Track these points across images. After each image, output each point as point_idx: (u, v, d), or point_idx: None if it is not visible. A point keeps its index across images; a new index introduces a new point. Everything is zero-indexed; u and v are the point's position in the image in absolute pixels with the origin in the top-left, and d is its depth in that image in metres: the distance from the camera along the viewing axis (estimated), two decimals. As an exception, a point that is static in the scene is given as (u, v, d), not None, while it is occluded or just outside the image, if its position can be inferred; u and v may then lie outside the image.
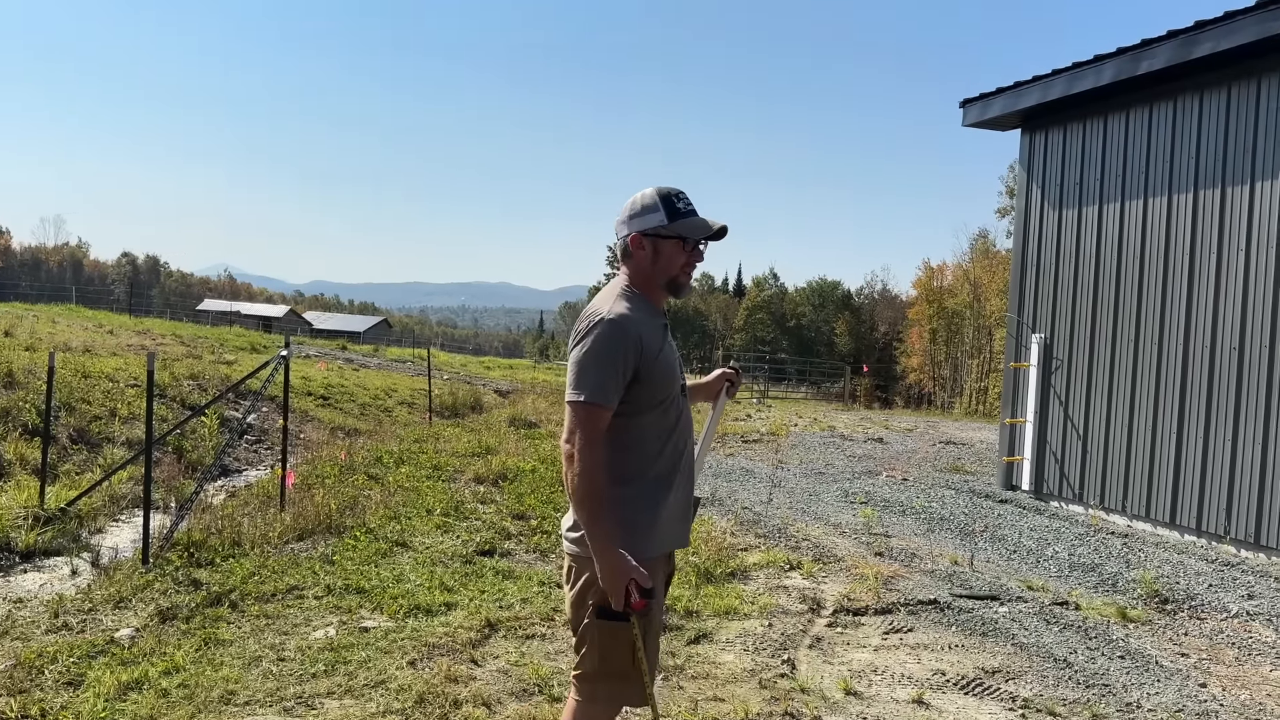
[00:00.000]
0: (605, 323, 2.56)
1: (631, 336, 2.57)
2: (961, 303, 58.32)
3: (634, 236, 2.70)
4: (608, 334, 2.55)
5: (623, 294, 2.68)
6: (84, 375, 13.00)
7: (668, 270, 2.72)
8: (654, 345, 2.64)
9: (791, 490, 9.99)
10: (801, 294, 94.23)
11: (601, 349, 2.54)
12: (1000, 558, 7.41)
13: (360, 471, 10.05)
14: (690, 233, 2.70)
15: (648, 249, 2.70)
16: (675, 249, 2.71)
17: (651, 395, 2.63)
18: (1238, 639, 5.55)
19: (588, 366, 2.54)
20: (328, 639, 4.96)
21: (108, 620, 5.34)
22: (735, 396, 3.32)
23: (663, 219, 2.68)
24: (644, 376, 2.60)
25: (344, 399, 17.59)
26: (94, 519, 8.16)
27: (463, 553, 6.84)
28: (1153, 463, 8.69)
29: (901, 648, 5.13)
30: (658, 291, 2.75)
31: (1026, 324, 10.34)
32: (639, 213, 2.70)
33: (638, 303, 2.67)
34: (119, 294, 77.66)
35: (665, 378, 2.66)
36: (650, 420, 2.65)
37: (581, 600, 2.63)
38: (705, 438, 3.20)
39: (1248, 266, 7.94)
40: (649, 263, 2.71)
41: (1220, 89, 8.23)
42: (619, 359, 2.54)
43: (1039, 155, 10.23)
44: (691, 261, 2.74)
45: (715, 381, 3.26)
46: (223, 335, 27.15)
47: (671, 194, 2.70)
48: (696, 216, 2.73)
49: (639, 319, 2.62)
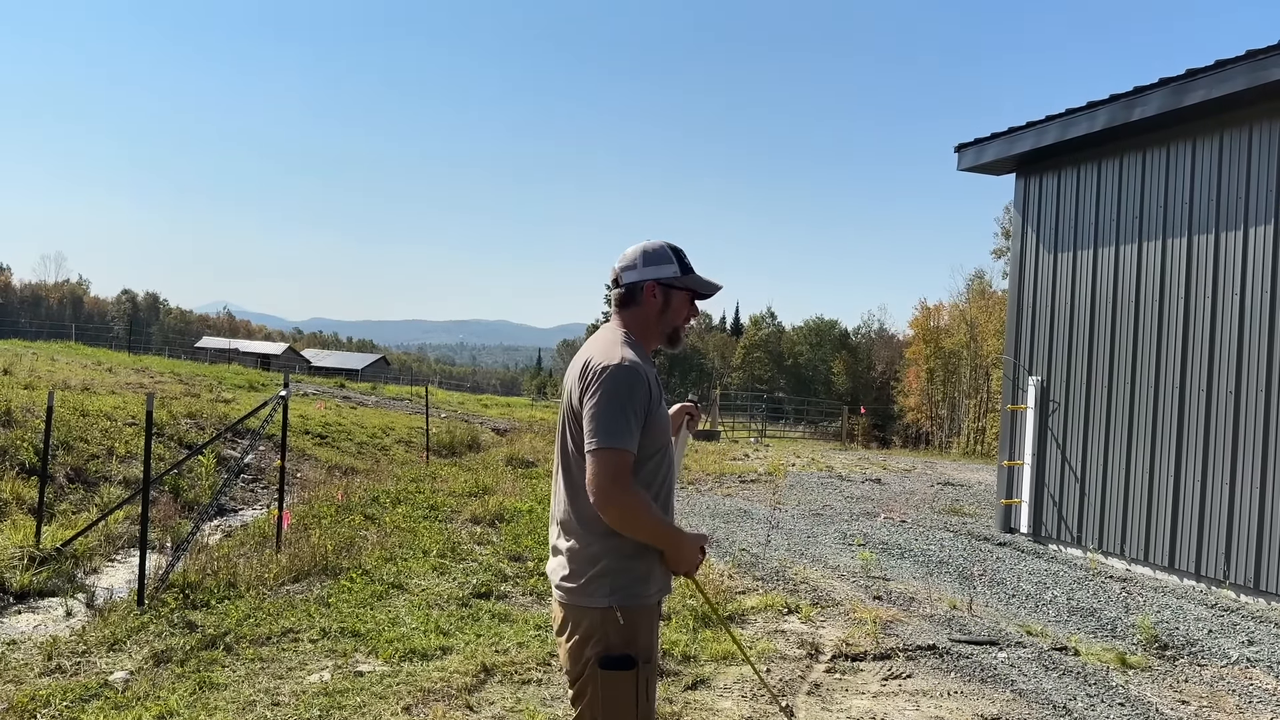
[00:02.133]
0: (620, 368, 2.58)
1: (645, 382, 2.61)
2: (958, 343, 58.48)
3: (649, 284, 2.75)
4: (626, 380, 2.57)
5: (626, 341, 2.71)
6: (82, 413, 12.99)
7: (674, 321, 2.81)
8: (658, 393, 2.68)
9: (789, 532, 9.96)
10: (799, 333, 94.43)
11: (621, 395, 2.55)
12: (999, 602, 7.38)
13: (357, 511, 10.02)
14: (701, 288, 2.82)
15: (659, 298, 2.77)
16: (684, 301, 2.81)
17: (651, 443, 2.65)
18: (1238, 686, 5.52)
19: (606, 413, 2.53)
20: (322, 683, 4.93)
21: (102, 663, 5.31)
22: (695, 429, 3.35)
23: (676, 271, 2.77)
24: (649, 425, 2.62)
25: (341, 437, 17.57)
26: (90, 559, 8.13)
27: (459, 595, 6.81)
28: (1151, 506, 8.68)
29: (900, 694, 5.10)
30: (655, 340, 2.80)
31: (1023, 366, 10.37)
32: (653, 261, 2.76)
33: (639, 350, 2.71)
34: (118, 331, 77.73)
35: (663, 426, 2.70)
36: (649, 469, 2.67)
37: (580, 651, 2.62)
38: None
39: (1242, 311, 7.99)
40: (657, 311, 2.77)
41: (1213, 136, 8.33)
42: (637, 404, 2.57)
43: (1034, 200, 10.32)
44: (691, 315, 2.84)
45: (675, 415, 3.26)
46: (221, 373, 27.16)
47: (679, 249, 2.82)
48: (697, 273, 2.84)
49: (647, 367, 2.67)
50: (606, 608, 2.58)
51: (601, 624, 2.59)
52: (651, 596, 2.65)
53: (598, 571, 2.60)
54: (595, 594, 2.60)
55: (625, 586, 2.58)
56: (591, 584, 2.61)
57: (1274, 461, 7.64)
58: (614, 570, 2.59)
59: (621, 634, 2.58)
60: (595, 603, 2.60)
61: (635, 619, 2.60)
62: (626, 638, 2.58)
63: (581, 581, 2.61)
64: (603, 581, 2.60)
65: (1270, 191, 7.80)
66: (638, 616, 2.60)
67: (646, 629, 2.63)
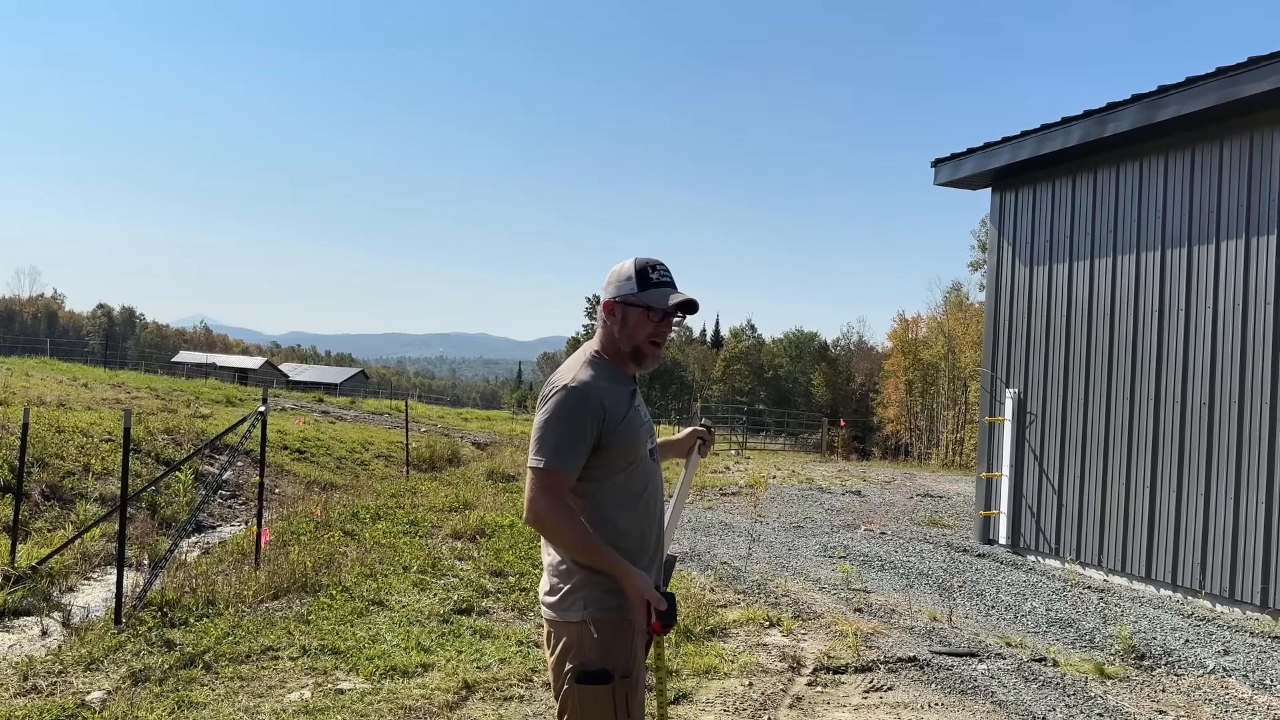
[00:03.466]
0: (567, 390, 2.64)
1: (593, 404, 2.63)
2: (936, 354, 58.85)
3: (607, 302, 2.79)
4: (569, 401, 2.62)
5: (589, 360, 2.75)
6: (58, 430, 12.87)
7: (633, 338, 2.77)
8: (618, 411, 2.68)
9: (770, 544, 9.99)
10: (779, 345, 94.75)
11: (563, 416, 2.61)
12: (978, 613, 7.42)
13: (336, 527, 9.96)
14: (654, 302, 2.75)
15: (617, 315, 2.77)
16: (641, 317, 2.76)
17: (617, 460, 2.68)
18: (1215, 696, 5.57)
19: (548, 433, 2.61)
20: (303, 701, 4.90)
21: (79, 682, 5.26)
22: (707, 454, 3.34)
23: (633, 288, 2.76)
24: (607, 442, 2.65)
25: (320, 453, 17.47)
26: (65, 577, 8.05)
27: (440, 611, 6.79)
28: (1127, 517, 8.76)
29: (882, 706, 5.12)
30: (625, 358, 2.81)
31: (1000, 379, 10.46)
32: (616, 279, 2.79)
33: (603, 369, 2.73)
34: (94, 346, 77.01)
35: (630, 442, 2.70)
36: (617, 484, 2.69)
37: (560, 666, 2.63)
38: (678, 497, 3.22)
39: (1215, 323, 8.10)
40: (617, 329, 2.78)
41: (1184, 151, 8.45)
42: (580, 426, 2.60)
43: (1010, 214, 10.43)
44: (659, 332, 2.78)
45: (686, 439, 3.29)
46: (198, 388, 26.96)
47: (649, 265, 2.78)
48: (669, 288, 2.78)
49: (603, 385, 2.68)
50: (581, 622, 2.61)
51: (578, 638, 2.61)
52: (627, 610, 2.65)
53: (573, 586, 2.64)
54: (571, 608, 2.63)
55: (599, 600, 2.61)
56: (567, 599, 2.64)
57: (1247, 472, 7.74)
58: (588, 584, 2.62)
59: (597, 648, 2.60)
60: (571, 617, 2.63)
61: (610, 632, 2.61)
62: (602, 651, 2.60)
63: (559, 596, 2.65)
64: (578, 595, 2.63)
65: (1242, 205, 7.92)
66: (613, 630, 2.62)
67: (623, 643, 2.63)
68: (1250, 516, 7.67)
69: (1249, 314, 7.83)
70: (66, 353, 52.83)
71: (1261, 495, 7.60)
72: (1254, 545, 7.61)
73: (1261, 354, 7.71)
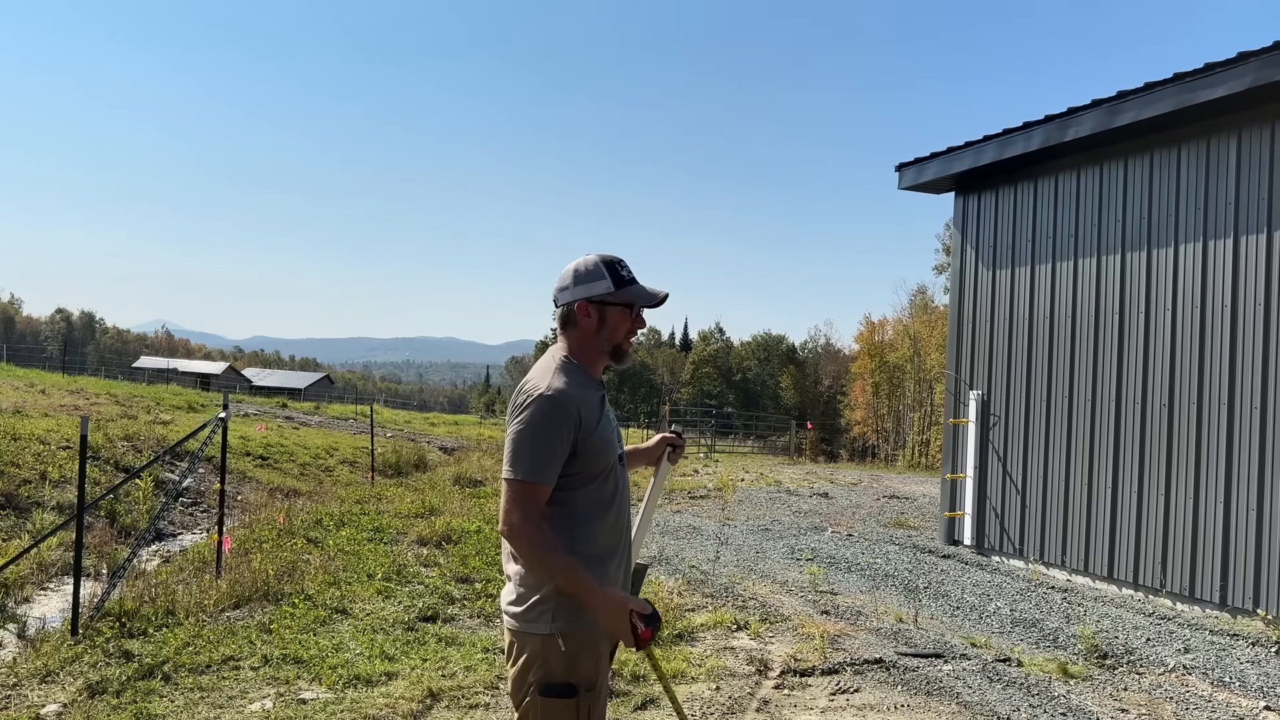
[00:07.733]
0: (543, 398, 2.55)
1: (570, 412, 2.56)
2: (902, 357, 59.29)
3: (580, 304, 2.70)
4: (546, 410, 2.54)
5: (561, 367, 2.66)
6: (13, 437, 12.63)
7: (613, 337, 2.72)
8: (592, 418, 2.63)
9: (739, 548, 9.99)
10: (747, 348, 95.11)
11: (539, 425, 2.53)
12: (944, 614, 7.47)
13: (299, 535, 9.84)
14: (638, 300, 2.72)
15: (594, 316, 2.70)
16: (621, 316, 2.72)
17: (590, 468, 2.62)
18: (1175, 693, 5.64)
19: (525, 444, 2.53)
20: (264, 712, 4.83)
21: (34, 695, 5.15)
22: (678, 463, 3.27)
23: (609, 286, 2.68)
24: (581, 450, 2.59)
25: (284, 458, 17.28)
26: (21, 588, 7.88)
27: (405, 619, 6.72)
28: (1089, 517, 8.86)
29: (848, 709, 5.13)
30: (599, 360, 2.75)
31: (964, 381, 10.55)
32: (584, 279, 2.70)
33: (576, 375, 2.67)
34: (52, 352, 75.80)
35: (603, 450, 2.66)
36: (589, 493, 2.64)
37: (523, 677, 2.58)
38: (648, 505, 3.13)
39: (1174, 326, 8.21)
40: (594, 330, 2.71)
41: (1143, 155, 8.57)
42: (557, 436, 2.53)
43: (973, 217, 10.53)
44: (634, 328, 2.76)
45: (656, 447, 3.22)
46: (159, 394, 26.56)
47: (615, 261, 2.72)
48: (639, 284, 2.75)
49: (577, 393, 2.61)
50: (548, 634, 2.55)
51: (543, 650, 2.55)
52: (595, 624, 2.62)
53: (540, 598, 2.57)
54: (538, 620, 2.57)
55: (566, 613, 2.55)
56: (534, 610, 2.57)
57: (1206, 472, 7.85)
58: (556, 596, 2.55)
59: (563, 661, 2.55)
60: (538, 629, 2.56)
61: (577, 646, 2.57)
62: (568, 665, 2.55)
63: (525, 607, 2.58)
64: (545, 607, 2.56)
65: (1199, 209, 8.04)
66: (580, 644, 2.57)
67: (590, 657, 2.59)
68: (1209, 516, 7.78)
69: (1207, 316, 7.95)
70: (24, 358, 51.92)
71: (1220, 495, 7.71)
72: (1213, 544, 7.72)
73: (1220, 355, 7.83)
